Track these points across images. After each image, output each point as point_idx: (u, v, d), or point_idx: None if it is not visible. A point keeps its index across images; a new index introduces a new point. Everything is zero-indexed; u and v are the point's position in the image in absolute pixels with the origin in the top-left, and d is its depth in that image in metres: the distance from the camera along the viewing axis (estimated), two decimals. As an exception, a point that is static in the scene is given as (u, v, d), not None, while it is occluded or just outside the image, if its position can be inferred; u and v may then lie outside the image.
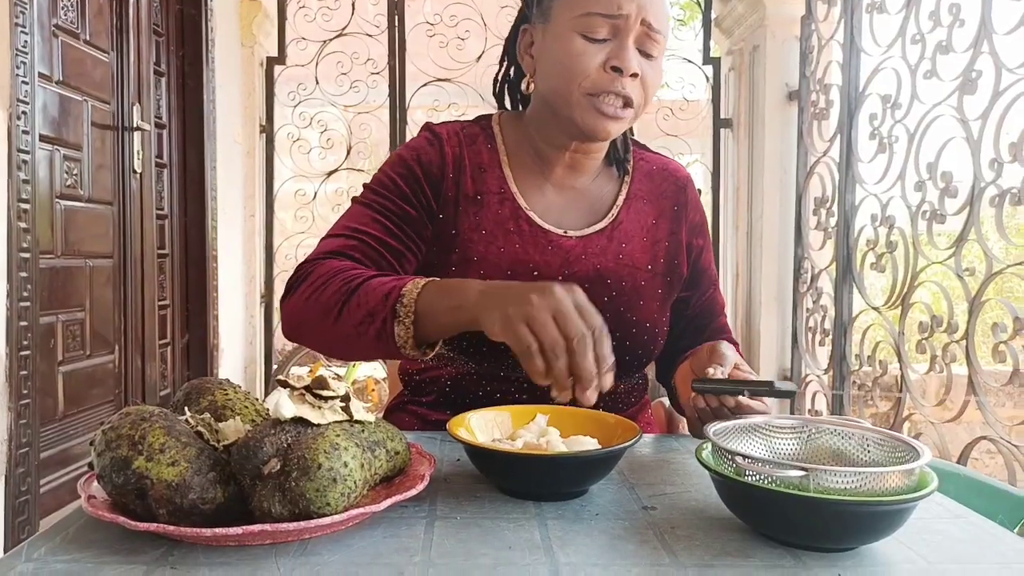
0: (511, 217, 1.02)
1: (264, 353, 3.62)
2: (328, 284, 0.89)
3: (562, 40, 0.95)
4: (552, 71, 0.98)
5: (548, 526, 0.65)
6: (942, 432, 2.11)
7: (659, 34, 0.95)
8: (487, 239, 1.01)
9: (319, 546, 0.60)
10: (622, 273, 1.04)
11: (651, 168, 1.13)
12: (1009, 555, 0.61)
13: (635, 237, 1.07)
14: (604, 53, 0.94)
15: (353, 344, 0.88)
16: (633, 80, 0.95)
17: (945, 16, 2.13)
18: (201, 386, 0.74)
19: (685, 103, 3.50)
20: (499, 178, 1.04)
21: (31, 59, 1.94)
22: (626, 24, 0.93)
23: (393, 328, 0.83)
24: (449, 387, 1.05)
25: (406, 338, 0.83)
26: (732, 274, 3.52)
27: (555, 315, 0.72)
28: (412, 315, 0.83)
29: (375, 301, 0.85)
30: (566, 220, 1.05)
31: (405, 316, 0.83)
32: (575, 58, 0.94)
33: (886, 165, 2.42)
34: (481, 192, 1.03)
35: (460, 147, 1.05)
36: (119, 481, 0.59)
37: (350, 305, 0.86)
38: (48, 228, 2.16)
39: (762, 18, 3.18)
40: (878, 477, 0.59)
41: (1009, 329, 1.84)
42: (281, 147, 3.54)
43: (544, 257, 1.01)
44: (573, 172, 1.06)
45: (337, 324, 0.88)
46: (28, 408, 1.93)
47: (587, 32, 0.94)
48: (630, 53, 0.94)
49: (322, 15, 3.41)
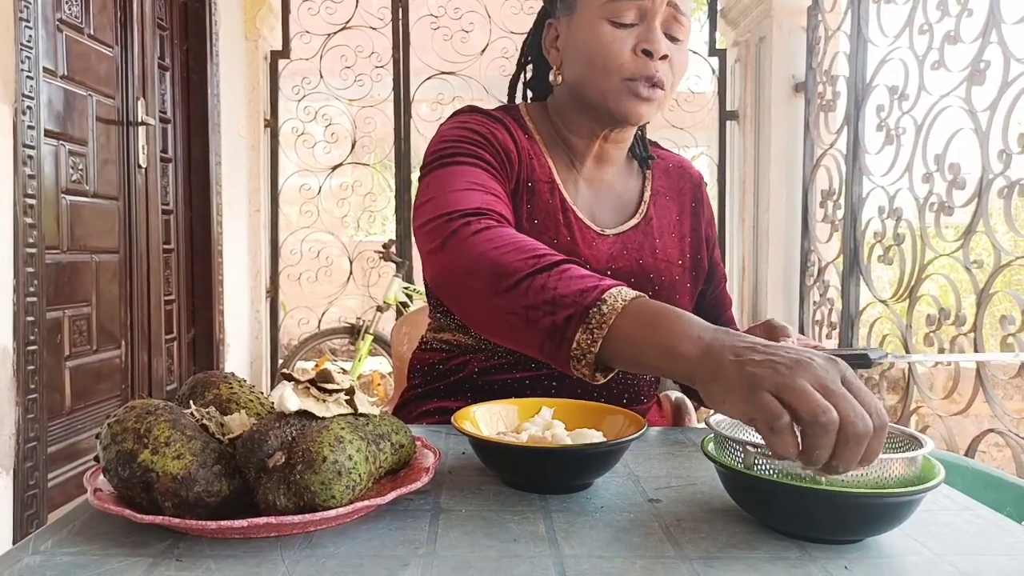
0: (560, 208, 1.01)
1: (270, 348, 3.64)
2: (514, 248, 0.78)
3: (590, 28, 0.95)
4: (582, 60, 0.97)
5: (553, 519, 0.65)
6: (950, 425, 2.10)
7: (685, 16, 0.95)
8: (539, 228, 0.99)
9: (324, 539, 0.60)
10: (660, 268, 1.04)
11: (667, 166, 1.14)
12: (1017, 547, 0.61)
13: (666, 233, 1.07)
14: (633, 37, 0.94)
15: (512, 325, 0.75)
16: (663, 62, 0.95)
17: (953, 6, 2.11)
18: (206, 380, 0.74)
19: (691, 95, 3.49)
20: (546, 167, 1.03)
21: (35, 54, 1.95)
22: (653, 6, 0.93)
23: (575, 332, 0.69)
24: (476, 374, 1.03)
25: (586, 349, 0.69)
26: (739, 267, 3.51)
27: (820, 388, 0.54)
28: (606, 327, 0.68)
29: (566, 291, 0.71)
30: (599, 216, 1.05)
31: (597, 325, 0.68)
32: (606, 45, 0.94)
33: (893, 157, 2.41)
34: (532, 180, 1.01)
35: (511, 130, 1.03)
36: (125, 474, 0.59)
37: (534, 282, 0.74)
38: (54, 223, 2.16)
39: (768, 9, 3.16)
40: (882, 464, 0.59)
41: (1017, 321, 1.83)
42: (286, 141, 3.54)
43: (591, 252, 1.01)
44: (601, 164, 1.07)
45: (507, 295, 0.75)
46: (35, 403, 1.94)
47: (614, 18, 0.94)
48: (659, 35, 0.94)
49: (326, 8, 3.41)
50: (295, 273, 3.64)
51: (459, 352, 1.05)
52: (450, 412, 1.04)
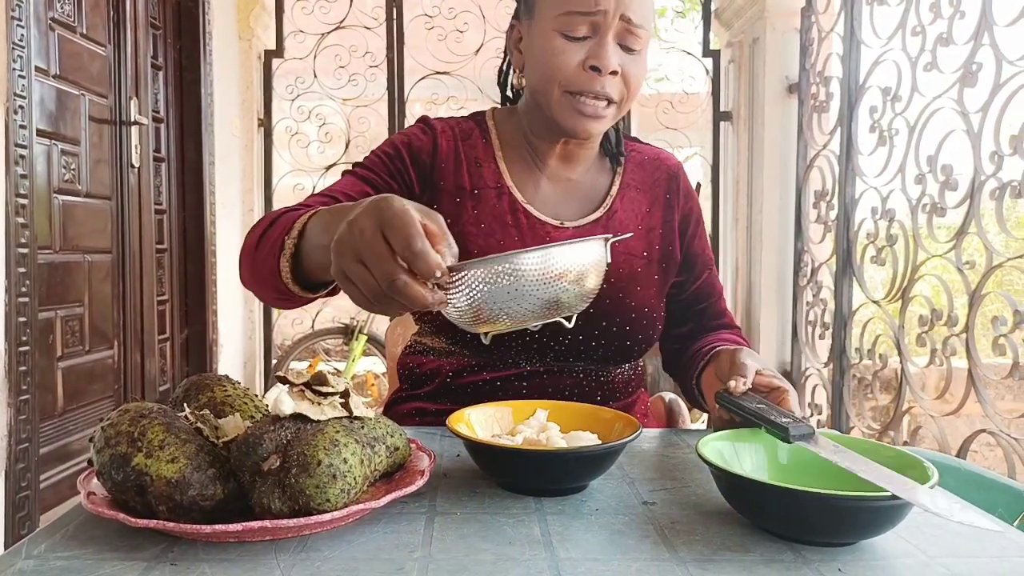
0: (509, 211, 1.03)
1: (263, 348, 3.63)
2: (262, 222, 0.87)
3: (544, 37, 0.96)
4: (535, 68, 0.98)
5: (548, 521, 0.65)
6: (942, 425, 2.11)
7: (640, 28, 0.94)
8: (486, 232, 1.02)
9: (319, 542, 0.60)
10: (619, 261, 1.05)
11: (643, 158, 1.14)
12: (1009, 548, 0.61)
13: (630, 226, 1.08)
14: (584, 51, 0.94)
15: (266, 283, 0.83)
16: (613, 78, 0.95)
17: (945, 8, 2.12)
18: (200, 382, 0.73)
19: (685, 96, 3.50)
20: (495, 172, 1.06)
21: (28, 53, 1.94)
22: (604, 20, 0.93)
23: (279, 262, 0.78)
24: (450, 378, 1.06)
25: (287, 271, 0.77)
26: (732, 267, 3.52)
27: (362, 259, 0.61)
28: (295, 246, 0.77)
29: (277, 232, 0.80)
30: (562, 211, 1.06)
31: (289, 248, 0.77)
32: (555, 57, 0.94)
33: (886, 158, 2.42)
34: (478, 187, 1.04)
35: (455, 140, 1.06)
36: (119, 478, 0.59)
37: (264, 239, 0.82)
38: (46, 223, 2.15)
39: (762, 10, 3.17)
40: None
41: (1009, 322, 1.84)
42: (279, 141, 3.53)
43: None
44: (566, 164, 1.08)
45: (254, 259, 0.84)
46: (27, 404, 1.93)
47: (566, 30, 0.94)
48: (608, 51, 0.93)
49: (320, 8, 3.40)
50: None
51: (435, 355, 1.07)
52: (429, 414, 1.06)
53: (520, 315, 0.67)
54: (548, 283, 0.65)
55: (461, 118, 1.11)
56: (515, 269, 0.63)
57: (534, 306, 0.66)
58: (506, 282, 0.64)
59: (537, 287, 0.65)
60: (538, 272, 0.64)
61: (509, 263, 0.63)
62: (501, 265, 0.63)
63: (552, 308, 0.68)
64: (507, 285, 0.64)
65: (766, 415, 0.72)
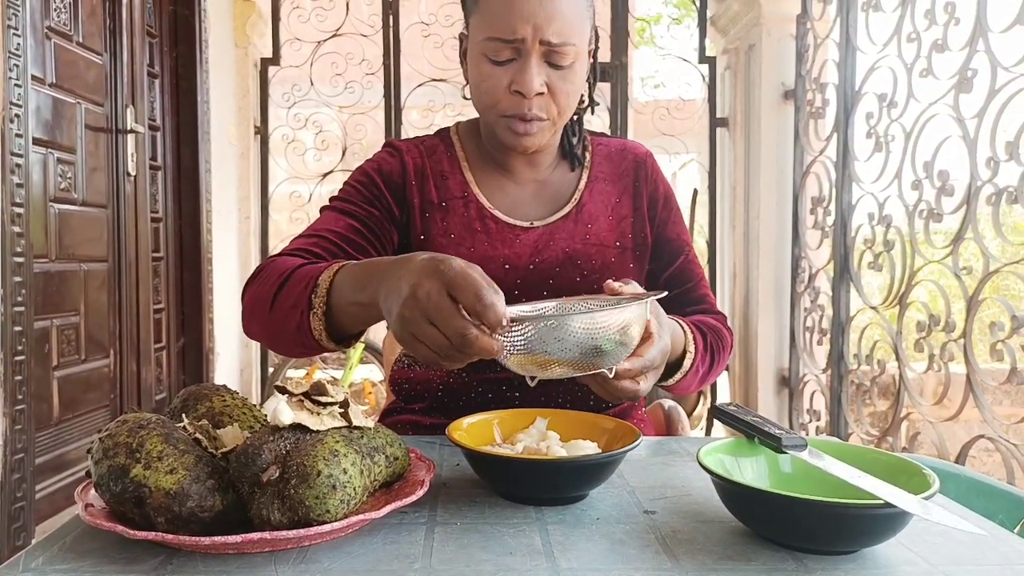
0: (477, 218, 1.06)
1: (260, 357, 3.62)
2: (268, 276, 0.89)
3: (475, 61, 0.99)
4: (472, 89, 1.02)
5: (549, 531, 0.65)
6: (940, 431, 2.11)
7: (566, 46, 0.94)
8: (456, 242, 1.04)
9: (319, 553, 0.60)
10: (591, 252, 1.06)
11: (610, 150, 1.15)
12: (1011, 556, 0.61)
13: (600, 217, 1.09)
14: (509, 76, 0.96)
15: (287, 338, 0.86)
16: (540, 98, 0.97)
17: (941, 14, 2.13)
18: (198, 392, 0.73)
19: (681, 102, 3.50)
20: (461, 183, 1.08)
21: (24, 62, 1.93)
22: (525, 46, 0.94)
23: (309, 321, 0.81)
24: (441, 391, 1.06)
25: (320, 331, 0.81)
26: (730, 274, 3.52)
27: (432, 320, 0.66)
28: (324, 305, 0.80)
29: (298, 290, 0.83)
30: (532, 212, 1.08)
31: (319, 306, 0.80)
32: (483, 81, 0.98)
33: (883, 164, 2.43)
34: (446, 199, 1.07)
35: (421, 158, 1.09)
36: (117, 489, 0.59)
37: (280, 296, 0.85)
38: (42, 232, 2.15)
39: (758, 17, 3.18)
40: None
41: (1007, 327, 1.84)
42: (276, 148, 3.53)
43: (513, 250, 1.04)
44: (531, 167, 1.10)
45: (271, 316, 0.86)
46: (23, 413, 1.92)
47: (491, 55, 0.96)
48: (531, 75, 0.94)
49: (316, 15, 3.41)
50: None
51: (425, 367, 1.08)
52: (421, 426, 1.06)
53: (564, 359, 0.72)
54: (591, 337, 0.71)
55: (426, 136, 1.15)
56: (562, 324, 0.69)
57: (576, 356, 0.71)
58: (553, 335, 0.69)
59: (582, 339, 0.70)
60: (583, 328, 0.70)
61: (556, 320, 0.69)
62: (549, 321, 0.69)
63: (595, 358, 0.73)
64: (553, 337, 0.69)
65: (760, 427, 0.72)
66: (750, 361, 3.32)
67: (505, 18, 0.93)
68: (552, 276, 1.04)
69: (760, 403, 3.22)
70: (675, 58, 3.43)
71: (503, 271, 1.03)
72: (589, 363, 0.72)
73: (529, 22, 0.92)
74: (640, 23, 4.80)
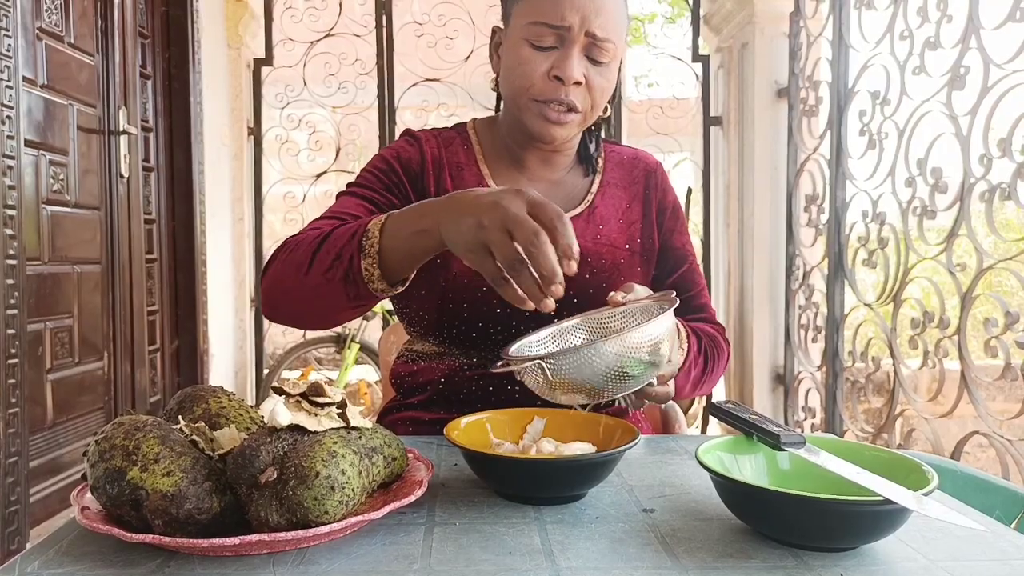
0: None
1: (255, 358, 3.61)
2: (300, 244, 0.89)
3: (514, 46, 0.99)
4: (506, 74, 1.02)
5: (548, 530, 0.65)
6: (935, 427, 2.12)
7: (608, 43, 0.96)
8: None
9: (317, 555, 0.59)
10: (601, 252, 1.07)
11: (622, 158, 1.17)
12: (1010, 551, 0.61)
13: (611, 219, 1.10)
14: (549, 61, 0.97)
15: (325, 297, 0.86)
16: (577, 88, 0.98)
17: (933, 12, 2.14)
18: (194, 394, 0.73)
19: (675, 101, 3.51)
20: (477, 175, 1.09)
21: (15, 63, 1.92)
22: (570, 35, 0.95)
23: (360, 264, 0.82)
24: (443, 384, 1.06)
25: (372, 271, 0.82)
26: (724, 272, 3.53)
27: (508, 227, 0.69)
28: (377, 245, 0.81)
29: (342, 242, 0.84)
30: None
31: (370, 248, 0.81)
32: (521, 65, 0.98)
33: (876, 161, 2.43)
34: (460, 189, 1.06)
35: (439, 148, 1.10)
36: (113, 492, 0.58)
37: (320, 254, 0.85)
38: (35, 234, 2.13)
39: (751, 15, 3.18)
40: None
41: (1000, 324, 1.85)
42: (269, 149, 3.52)
43: None
44: (546, 166, 1.10)
45: (308, 277, 0.86)
46: (17, 417, 1.91)
47: (534, 40, 0.96)
48: (573, 63, 0.95)
49: (309, 16, 3.40)
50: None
51: (426, 359, 1.09)
52: (423, 423, 1.06)
53: (602, 386, 0.74)
54: (629, 358, 0.72)
55: (443, 128, 1.15)
56: (599, 351, 0.71)
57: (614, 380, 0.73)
58: (589, 366, 0.72)
59: (616, 363, 0.72)
60: (616, 351, 0.72)
61: (593, 349, 0.71)
62: (585, 351, 0.71)
63: (646, 370, 0.75)
64: (589, 367, 0.72)
65: (758, 424, 0.72)
66: (745, 359, 3.32)
67: (555, 4, 0.94)
68: None
69: (755, 401, 3.23)
70: (669, 57, 3.43)
71: None
72: (630, 382, 0.74)
73: (579, 12, 0.94)
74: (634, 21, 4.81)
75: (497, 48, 1.06)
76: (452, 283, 1.02)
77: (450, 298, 1.02)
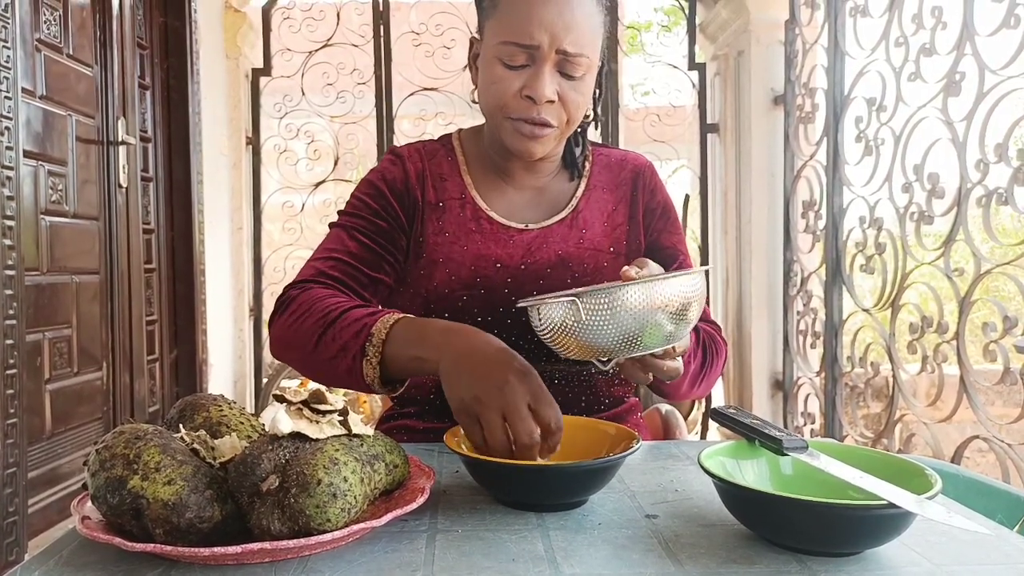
0: (472, 218, 1.07)
1: (254, 367, 3.60)
2: (309, 313, 0.93)
3: (487, 64, 0.99)
4: (481, 91, 1.03)
5: (551, 537, 0.64)
6: (935, 432, 2.12)
7: (581, 57, 0.96)
8: (450, 240, 1.06)
9: (319, 563, 0.59)
10: (584, 256, 1.07)
11: (611, 160, 1.16)
12: (1014, 555, 0.61)
13: (596, 223, 1.10)
14: (521, 80, 0.97)
15: (329, 375, 0.92)
16: (550, 105, 0.97)
17: (928, 19, 2.15)
18: (195, 402, 0.72)
19: (671, 109, 3.52)
20: (459, 185, 1.10)
21: (14, 74, 1.93)
22: (540, 53, 0.95)
23: (362, 367, 0.86)
24: (434, 394, 1.06)
25: (373, 377, 0.86)
26: (722, 278, 3.53)
27: (505, 414, 0.72)
28: (379, 355, 0.86)
29: (348, 336, 0.88)
30: (528, 216, 1.09)
31: (373, 355, 0.86)
32: (495, 84, 0.98)
33: (873, 167, 2.44)
34: (443, 199, 1.08)
35: (421, 161, 1.11)
36: (114, 501, 0.58)
37: (326, 337, 0.90)
38: (33, 244, 2.13)
39: (746, 23, 3.20)
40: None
41: (999, 328, 1.85)
42: (268, 159, 3.53)
43: (506, 250, 1.06)
44: (530, 173, 1.11)
45: (314, 354, 0.91)
46: (15, 427, 1.90)
47: (506, 59, 0.96)
48: (544, 81, 0.95)
49: (307, 26, 3.41)
50: (278, 291, 3.60)
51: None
52: (417, 432, 1.06)
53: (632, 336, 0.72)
54: (652, 311, 0.71)
55: (428, 140, 1.17)
56: (621, 298, 0.70)
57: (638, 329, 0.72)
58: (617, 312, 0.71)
59: (644, 314, 0.71)
60: (641, 300, 0.71)
61: (620, 291, 0.70)
62: (632, 289, 0.70)
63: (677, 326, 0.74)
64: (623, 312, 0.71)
65: (760, 428, 0.72)
66: (744, 365, 3.32)
67: (523, 24, 0.94)
68: (543, 277, 1.05)
69: (755, 406, 3.23)
70: (665, 65, 3.44)
71: (494, 269, 1.04)
72: (652, 339, 0.73)
73: (547, 30, 0.93)
74: (630, 31, 4.82)
75: (475, 59, 1.06)
76: (434, 293, 1.03)
77: (432, 308, 1.03)
